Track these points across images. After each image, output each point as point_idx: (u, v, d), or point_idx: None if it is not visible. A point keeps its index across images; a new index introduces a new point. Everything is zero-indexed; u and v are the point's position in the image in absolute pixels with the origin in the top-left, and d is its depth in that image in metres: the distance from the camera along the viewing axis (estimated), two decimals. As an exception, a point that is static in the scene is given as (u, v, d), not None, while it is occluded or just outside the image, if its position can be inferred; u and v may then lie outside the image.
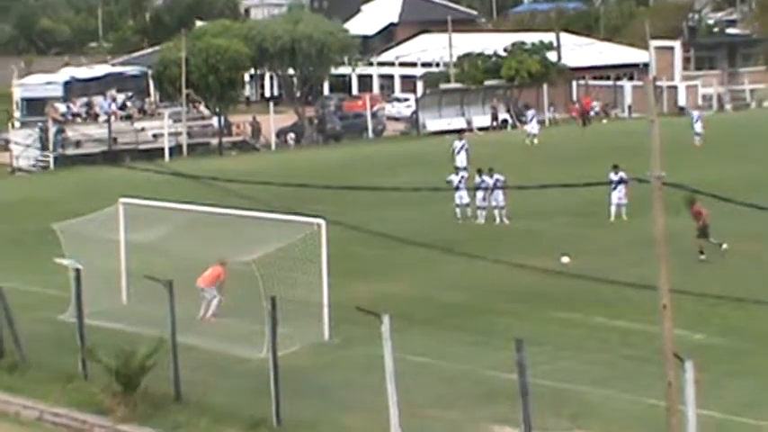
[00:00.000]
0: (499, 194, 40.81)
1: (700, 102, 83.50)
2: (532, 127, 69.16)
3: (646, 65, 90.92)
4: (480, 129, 75.91)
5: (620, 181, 39.21)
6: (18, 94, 70.83)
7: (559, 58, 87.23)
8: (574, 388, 22.45)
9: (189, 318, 26.11)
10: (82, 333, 24.28)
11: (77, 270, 25.26)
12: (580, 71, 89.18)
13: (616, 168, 40.51)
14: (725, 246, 33.60)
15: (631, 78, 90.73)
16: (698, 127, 63.12)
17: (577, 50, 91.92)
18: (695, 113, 66.02)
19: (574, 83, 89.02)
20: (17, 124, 68.21)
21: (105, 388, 22.34)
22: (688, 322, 24.02)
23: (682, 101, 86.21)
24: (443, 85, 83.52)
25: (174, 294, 23.07)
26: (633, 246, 34.51)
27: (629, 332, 26.20)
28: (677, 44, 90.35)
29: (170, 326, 22.89)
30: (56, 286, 29.51)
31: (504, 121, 79.03)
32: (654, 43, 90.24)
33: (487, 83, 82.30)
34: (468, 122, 76.21)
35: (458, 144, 51.79)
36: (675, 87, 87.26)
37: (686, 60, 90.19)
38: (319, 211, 28.61)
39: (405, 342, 21.69)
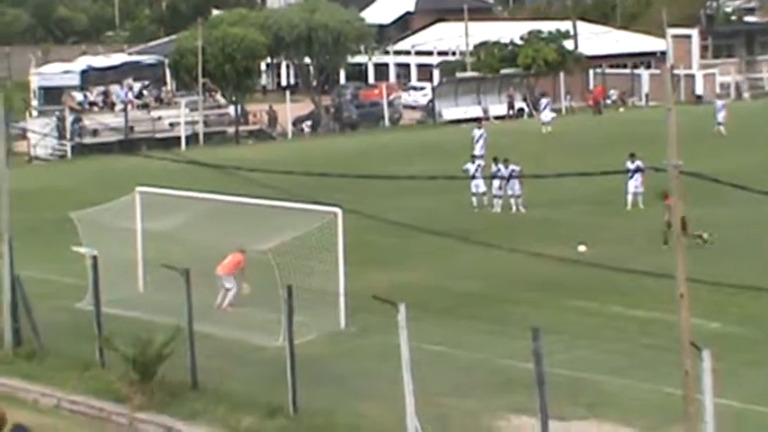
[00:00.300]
0: (515, 183, 40.78)
1: (717, 90, 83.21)
2: (545, 115, 69.13)
3: (663, 53, 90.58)
4: (497, 117, 75.76)
5: (637, 170, 39.11)
6: (35, 82, 70.99)
7: (576, 46, 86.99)
8: (591, 377, 22.42)
9: (206, 306, 26.14)
10: (99, 321, 24.35)
11: (94, 258, 25.29)
12: (597, 60, 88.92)
13: (633, 157, 40.39)
14: (665, 247, 33.20)
15: (648, 67, 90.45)
16: (721, 116, 62.89)
17: (594, 39, 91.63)
18: (719, 102, 65.74)
19: (591, 71, 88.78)
20: (34, 113, 68.39)
21: (122, 376, 22.41)
22: (705, 311, 23.96)
23: (699, 89, 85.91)
24: (460, 74, 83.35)
25: (190, 283, 23.11)
26: (650, 234, 34.44)
27: (646, 321, 26.15)
28: (695, 32, 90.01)
29: (187, 314, 22.94)
30: (73, 274, 29.58)
31: (521, 109, 78.87)
32: (671, 31, 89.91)
33: (504, 71, 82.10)
34: (485, 111, 76.07)
35: (477, 132, 51.81)
36: (693, 76, 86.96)
37: (704, 48, 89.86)
38: (336, 200, 28.62)
39: (421, 331, 21.68)
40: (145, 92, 69.29)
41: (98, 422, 21.89)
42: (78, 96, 67.32)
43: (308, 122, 75.08)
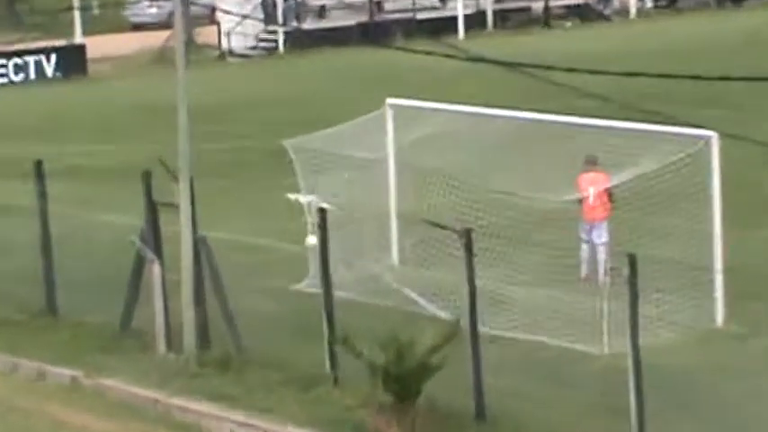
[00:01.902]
0: None
1: None
2: None
3: None
4: None
5: None
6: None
7: None
8: None
9: (497, 289, 26.25)
10: (330, 312, 24.71)
11: (321, 212, 25.53)
12: None
13: None
14: None
15: None
16: None
17: None
18: None
19: None
20: (228, -17, 70.09)
21: (368, 398, 22.76)
22: None
23: None
24: None
25: (473, 250, 23.19)
26: None
27: None
28: None
29: (467, 302, 23.03)
30: (288, 237, 30.18)
31: None
32: None
33: None
34: None
35: None
36: None
37: None
38: (708, 119, 28.40)
39: None
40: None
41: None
42: (296, -43, 68.71)
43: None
